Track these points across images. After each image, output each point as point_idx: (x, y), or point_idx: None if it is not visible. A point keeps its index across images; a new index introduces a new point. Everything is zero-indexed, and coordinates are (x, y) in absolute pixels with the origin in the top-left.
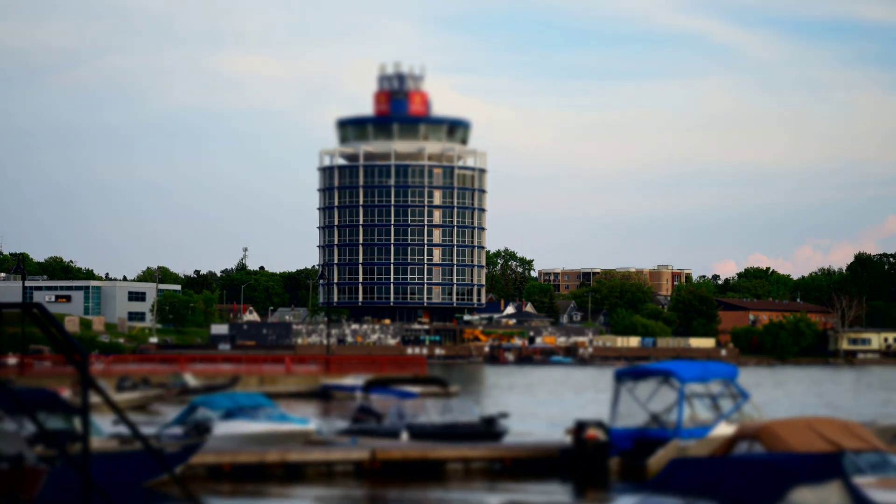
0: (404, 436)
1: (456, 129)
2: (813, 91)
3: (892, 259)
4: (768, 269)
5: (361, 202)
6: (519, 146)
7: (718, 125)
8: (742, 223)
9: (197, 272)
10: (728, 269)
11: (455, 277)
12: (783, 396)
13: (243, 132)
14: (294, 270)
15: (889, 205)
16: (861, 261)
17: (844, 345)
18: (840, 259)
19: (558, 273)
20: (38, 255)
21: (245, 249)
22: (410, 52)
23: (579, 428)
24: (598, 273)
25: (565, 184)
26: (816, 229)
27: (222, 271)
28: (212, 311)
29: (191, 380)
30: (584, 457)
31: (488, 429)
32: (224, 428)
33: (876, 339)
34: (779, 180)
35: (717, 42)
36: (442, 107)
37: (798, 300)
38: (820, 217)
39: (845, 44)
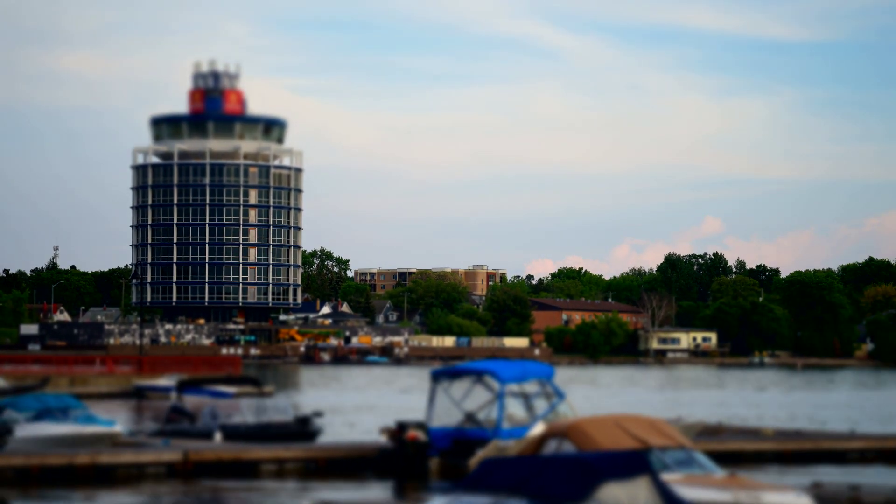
0: (218, 436)
1: (272, 128)
2: (637, 96)
3: (700, 260)
4: (581, 269)
5: (176, 201)
6: (338, 146)
7: (543, 128)
8: (560, 224)
9: (6, 271)
10: (545, 269)
11: (271, 277)
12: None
13: (56, 129)
14: (107, 269)
15: (706, 206)
16: (671, 262)
17: (654, 344)
18: (658, 260)
19: (374, 273)
20: None
21: (56, 248)
22: (244, 53)
23: (400, 429)
24: (414, 273)
25: (382, 184)
26: (635, 230)
27: (32, 270)
28: (21, 310)
29: (0, 381)
30: (404, 457)
31: (302, 428)
32: (30, 430)
33: (685, 339)
34: (600, 182)
35: (546, 47)
36: (260, 105)
37: (610, 300)
38: (639, 218)
39: (671, 50)
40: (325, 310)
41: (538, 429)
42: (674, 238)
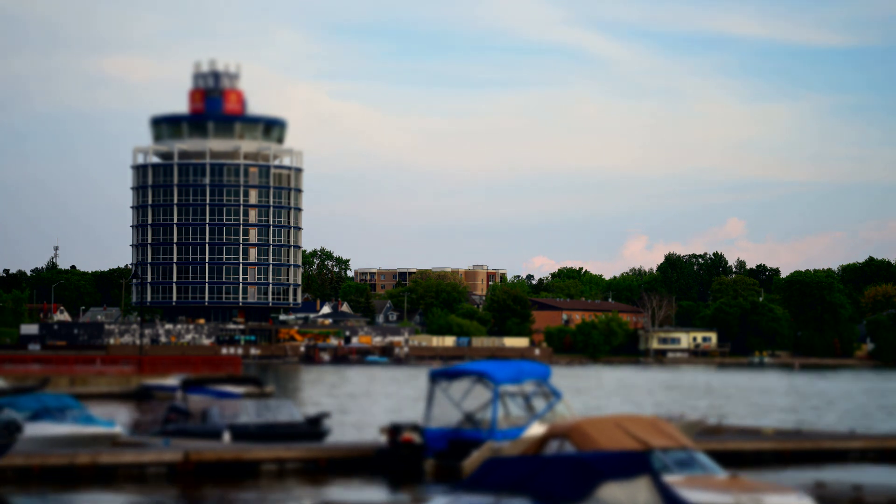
0: (226, 436)
1: (272, 128)
2: (672, 101)
3: (700, 260)
4: (581, 269)
5: (176, 201)
6: (338, 146)
7: (569, 132)
8: (571, 225)
9: (6, 271)
10: (548, 266)
11: (271, 277)
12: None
13: (55, 129)
14: (107, 269)
15: (732, 209)
16: (671, 261)
17: (655, 344)
18: None
19: (374, 273)
20: None
21: (56, 248)
22: (296, 58)
23: (394, 431)
24: (414, 273)
25: (383, 185)
26: (651, 231)
27: (32, 270)
28: (21, 310)
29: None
30: (399, 459)
31: (312, 428)
32: (29, 430)
33: (685, 339)
34: (626, 185)
35: (588, 53)
36: (258, 105)
37: (610, 300)
38: (656, 219)
39: (708, 57)
40: (325, 310)
41: (536, 429)
42: (691, 239)
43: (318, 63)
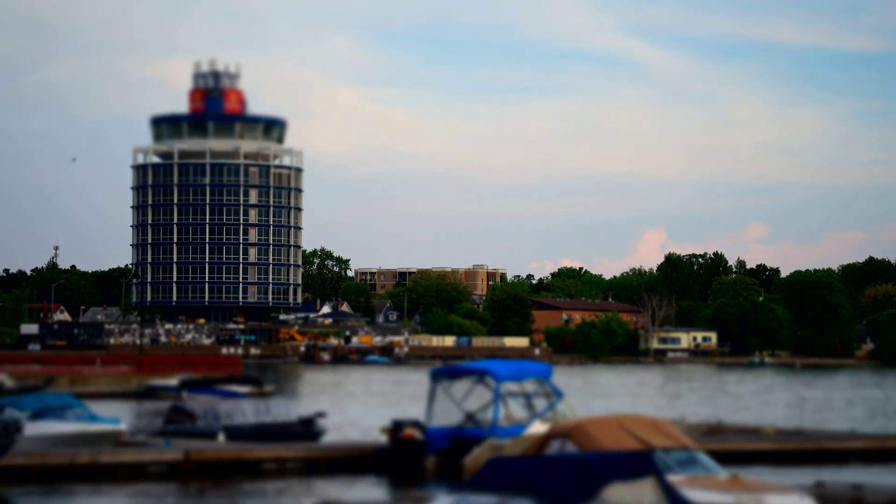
0: (221, 437)
1: (272, 127)
2: (699, 105)
3: (700, 259)
4: (581, 268)
5: (176, 200)
6: (340, 146)
7: (598, 136)
8: (580, 227)
9: (6, 271)
10: (549, 267)
11: (271, 277)
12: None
13: (55, 127)
14: (107, 269)
15: (753, 212)
16: (671, 261)
17: (655, 344)
18: None
19: (374, 272)
20: None
21: (56, 248)
22: (342, 64)
23: (396, 427)
24: (414, 273)
25: (384, 184)
26: (680, 233)
27: (32, 270)
28: (21, 310)
29: (6, 381)
30: (400, 456)
31: (306, 429)
32: (32, 429)
33: (685, 338)
34: (646, 188)
35: (622, 59)
36: (257, 105)
37: (610, 300)
38: (684, 222)
39: (742, 62)
40: (325, 309)
41: (537, 428)
42: (710, 242)
43: (342, 67)
